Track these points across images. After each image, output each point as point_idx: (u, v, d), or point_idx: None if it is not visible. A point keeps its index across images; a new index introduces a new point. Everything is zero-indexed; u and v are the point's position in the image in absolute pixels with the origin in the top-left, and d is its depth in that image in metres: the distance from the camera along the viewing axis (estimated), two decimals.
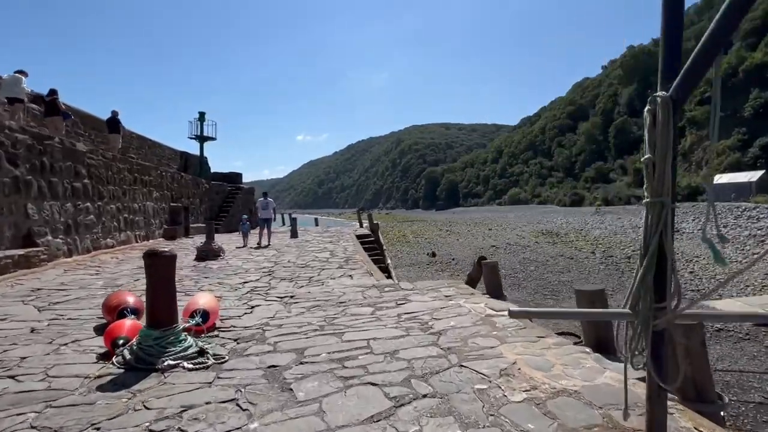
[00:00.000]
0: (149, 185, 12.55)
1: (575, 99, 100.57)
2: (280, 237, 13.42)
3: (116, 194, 10.54)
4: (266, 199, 11.39)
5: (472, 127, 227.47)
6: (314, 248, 10.25)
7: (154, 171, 13.06)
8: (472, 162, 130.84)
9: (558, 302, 12.52)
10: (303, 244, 11.18)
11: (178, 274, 4.25)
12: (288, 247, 10.77)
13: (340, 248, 10.12)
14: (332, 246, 10.61)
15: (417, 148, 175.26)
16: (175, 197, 14.39)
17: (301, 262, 8.04)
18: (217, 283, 5.98)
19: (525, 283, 15.25)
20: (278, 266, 7.50)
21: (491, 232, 36.08)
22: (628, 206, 46.89)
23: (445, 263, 20.09)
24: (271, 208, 11.25)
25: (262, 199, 11.55)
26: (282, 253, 9.54)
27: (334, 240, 12.19)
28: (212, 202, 18.42)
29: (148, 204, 12.33)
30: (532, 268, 18.23)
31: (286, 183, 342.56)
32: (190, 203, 15.77)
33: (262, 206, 11.32)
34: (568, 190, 69.53)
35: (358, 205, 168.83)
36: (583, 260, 20.07)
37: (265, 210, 11.14)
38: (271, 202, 11.45)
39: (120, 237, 10.53)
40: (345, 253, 9.30)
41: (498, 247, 25.74)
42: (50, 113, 10.05)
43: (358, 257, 8.63)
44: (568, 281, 15.34)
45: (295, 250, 10.07)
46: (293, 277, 6.35)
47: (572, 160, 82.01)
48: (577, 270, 17.66)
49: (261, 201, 11.49)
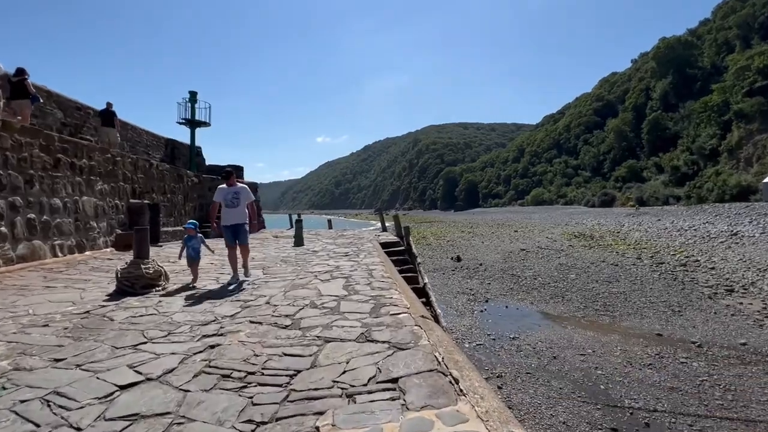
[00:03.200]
0: (89, 173, 8.72)
1: (602, 95, 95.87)
2: (281, 245, 10.23)
3: (4, 182, 6.53)
4: (233, 186, 5.67)
5: (491, 127, 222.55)
6: (320, 267, 6.42)
7: (100, 154, 9.22)
8: (492, 161, 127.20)
9: (615, 320, 10.35)
10: (306, 259, 7.52)
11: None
12: (282, 264, 6.95)
13: (361, 270, 6.02)
14: (348, 265, 6.63)
15: (435, 148, 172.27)
16: (142, 191, 10.98)
17: (288, 308, 3.96)
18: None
19: (569, 295, 13.06)
20: (237, 321, 3.59)
21: (518, 234, 33.65)
22: (666, 207, 43.32)
23: (472, 269, 18.02)
24: (244, 204, 5.62)
25: (223, 186, 5.72)
26: (264, 281, 5.39)
27: (351, 252, 8.47)
28: (203, 200, 14.98)
29: (84, 200, 8.44)
30: (572, 276, 15.96)
31: (303, 184, 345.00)
32: (166, 200, 12.48)
33: (225, 200, 5.60)
34: (597, 189, 65.70)
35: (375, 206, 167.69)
36: (629, 267, 17.61)
37: (233, 208, 5.56)
38: (244, 191, 5.68)
39: (17, 250, 6.59)
40: (370, 282, 5.14)
41: (528, 250, 23.44)
42: (17, 96, 8.64)
43: (396, 297, 4.24)
44: (620, 293, 13.07)
45: (291, 273, 6.00)
46: (246, 380, 2.33)
47: (600, 159, 77.77)
48: (627, 279, 15.27)
49: (222, 190, 5.66)
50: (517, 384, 6.70)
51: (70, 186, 8.17)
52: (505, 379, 6.83)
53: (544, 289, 14.00)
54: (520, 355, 7.97)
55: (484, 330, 9.64)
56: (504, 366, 7.46)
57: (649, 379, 6.75)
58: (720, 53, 63.77)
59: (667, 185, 50.82)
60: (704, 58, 66.91)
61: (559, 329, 9.67)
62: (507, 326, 9.97)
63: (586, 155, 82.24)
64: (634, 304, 11.69)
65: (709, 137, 50.51)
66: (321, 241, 11.59)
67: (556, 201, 78.19)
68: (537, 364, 7.50)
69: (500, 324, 10.18)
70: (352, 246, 9.75)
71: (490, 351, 8.29)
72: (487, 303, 12.45)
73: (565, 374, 7.04)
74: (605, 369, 7.18)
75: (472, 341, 8.80)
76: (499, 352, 8.25)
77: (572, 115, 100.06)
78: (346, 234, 14.76)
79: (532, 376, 6.97)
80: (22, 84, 8.63)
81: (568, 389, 6.45)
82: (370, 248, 9.04)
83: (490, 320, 10.54)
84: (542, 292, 13.69)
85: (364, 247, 9.26)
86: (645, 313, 10.83)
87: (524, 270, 17.65)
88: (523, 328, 9.73)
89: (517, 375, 7.02)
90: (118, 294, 4.75)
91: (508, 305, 12.19)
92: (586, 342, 8.67)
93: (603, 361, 7.57)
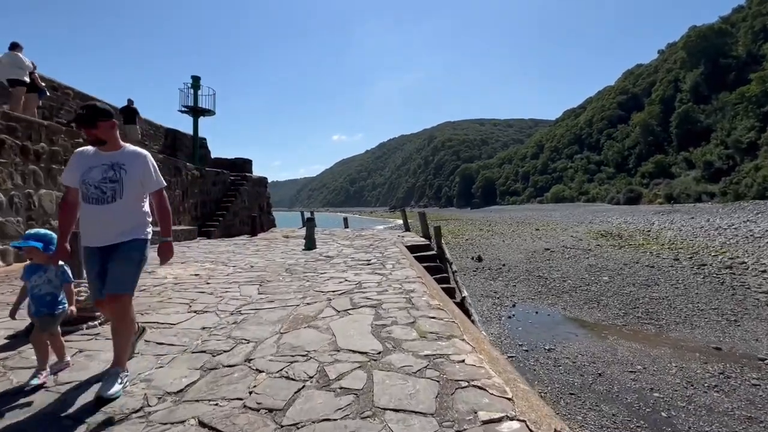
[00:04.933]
0: (49, 160, 7.01)
1: (627, 87, 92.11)
2: (290, 248, 8.79)
3: None
4: (113, 151, 2.18)
5: (507, 123, 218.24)
6: (335, 284, 4.66)
7: (67, 137, 7.36)
8: (509, 158, 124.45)
9: (662, 330, 9.27)
10: (317, 270, 5.80)
11: None
12: (285, 277, 5.22)
13: (393, 292, 4.15)
14: (374, 281, 4.78)
15: (450, 145, 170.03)
16: None
17: (276, 385, 2.07)
18: None
19: (604, 299, 11.97)
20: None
21: (539, 232, 32.27)
22: (699, 204, 40.90)
23: (495, 270, 17.05)
24: (135, 193, 2.21)
25: (85, 151, 2.22)
26: (254, 310, 3.61)
27: (374, 259, 6.76)
28: (206, 196, 13.67)
29: (41, 193, 6.78)
30: (605, 279, 14.80)
31: (318, 181, 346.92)
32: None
33: (86, 183, 2.11)
34: (622, 186, 63.00)
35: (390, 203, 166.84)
36: (667, 269, 16.28)
37: (103, 205, 2.11)
38: (137, 160, 2.21)
39: None
40: (413, 318, 3.21)
41: (552, 250, 22.24)
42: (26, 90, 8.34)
43: (471, 362, 2.30)
44: (662, 298, 11.89)
45: (295, 293, 4.26)
46: None
47: (625, 154, 74.63)
48: (667, 282, 14.02)
49: (81, 160, 2.18)
50: (561, 407, 5.82)
51: (20, 176, 6.46)
52: (546, 401, 5.94)
53: (575, 293, 12.93)
54: (559, 371, 7.06)
55: (514, 339, 8.75)
56: (542, 384, 6.57)
57: (718, 406, 5.75)
58: (756, 41, 60.02)
59: (700, 181, 48.08)
60: (739, 46, 63.14)
61: (598, 340, 8.68)
62: (540, 335, 9.04)
63: (609, 150, 79.14)
64: (680, 312, 10.54)
65: (747, 130, 47.43)
66: (336, 242, 10.40)
67: (578, 198, 75.57)
68: (581, 382, 6.58)
69: (532, 332, 9.25)
70: (374, 250, 8.11)
71: (524, 365, 7.41)
72: (514, 308, 11.52)
73: (616, 396, 6.11)
74: (663, 391, 6.20)
75: (503, 353, 7.92)
76: (535, 366, 7.36)
77: (594, 109, 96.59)
78: (364, 234, 13.48)
79: (576, 397, 6.07)
80: (30, 77, 8.29)
81: (623, 416, 5.53)
82: (397, 254, 7.29)
83: (520, 328, 9.62)
84: (574, 296, 12.63)
85: (390, 253, 7.49)
86: (695, 322, 9.69)
87: (551, 271, 16.56)
88: (559, 338, 8.78)
89: (559, 396, 6.13)
90: (25, 335, 2.69)
91: (538, 310, 11.22)
92: (633, 356, 7.67)
93: (658, 380, 6.58)
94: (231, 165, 17.22)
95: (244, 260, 7.06)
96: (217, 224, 13.07)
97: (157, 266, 5.82)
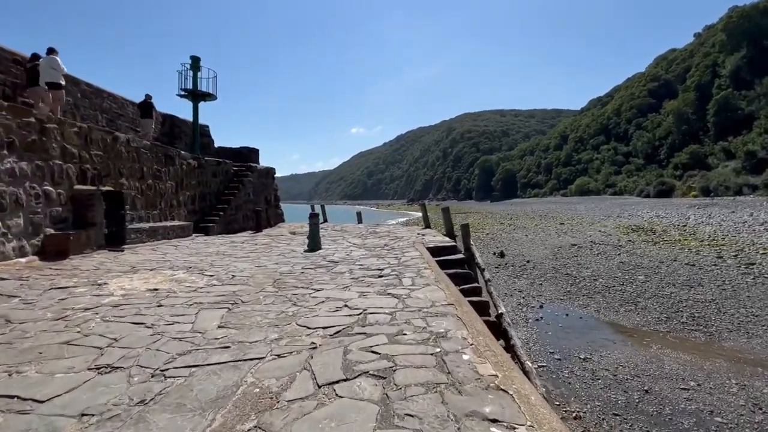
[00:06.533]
0: None
1: (658, 74, 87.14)
2: (292, 249, 7.78)
3: None
4: None
5: (529, 113, 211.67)
6: (330, 311, 3.46)
7: (12, 115, 6.12)
8: (531, 149, 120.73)
9: (712, 338, 8.27)
10: (314, 282, 4.63)
11: None
12: (267, 296, 4.04)
13: (415, 333, 2.80)
14: (386, 308, 3.45)
15: (470, 136, 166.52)
16: (99, 175, 7.95)
17: None
18: None
19: (642, 301, 10.96)
20: None
21: (564, 226, 30.83)
22: (740, 197, 38.17)
23: (518, 267, 16.14)
24: None
25: None
26: (163, 390, 2.07)
27: (388, 268, 5.36)
28: (205, 188, 12.51)
29: None
30: (641, 278, 13.68)
31: (336, 174, 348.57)
32: (146, 187, 9.65)
33: None
34: (653, 178, 59.84)
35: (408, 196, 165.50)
36: (710, 268, 14.94)
37: None
38: None
39: None
40: (457, 413, 1.74)
41: (580, 245, 21.02)
42: (33, 83, 8.16)
43: None
44: (708, 301, 10.78)
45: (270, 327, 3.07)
46: None
47: (655, 144, 70.79)
48: (712, 283, 12.79)
49: None
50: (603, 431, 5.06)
51: None
52: (586, 423, 5.20)
53: (609, 294, 11.95)
54: (598, 386, 6.27)
55: (545, 346, 7.97)
56: (580, 401, 5.81)
57: None
58: None
59: (740, 173, 44.93)
60: None
61: (640, 348, 7.79)
62: (573, 342, 8.22)
63: (638, 141, 75.26)
64: (732, 318, 9.45)
65: None
66: (346, 241, 9.35)
67: (604, 191, 72.47)
68: (625, 400, 5.78)
69: (564, 338, 8.44)
70: (389, 253, 6.83)
71: (557, 377, 6.65)
72: (542, 309, 10.68)
73: (669, 419, 5.29)
74: (725, 415, 5.34)
75: (532, 362, 7.17)
76: (570, 378, 6.59)
77: (623, 98, 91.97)
78: (378, 231, 12.05)
79: (622, 419, 5.29)
80: (36, 70, 8.10)
81: None
82: (417, 260, 5.91)
83: (549, 332, 8.82)
84: (608, 297, 11.65)
85: (408, 258, 6.14)
86: (752, 330, 8.63)
87: (580, 269, 15.51)
88: (595, 346, 7.95)
89: (602, 417, 5.36)
90: None
91: (569, 312, 10.36)
92: (683, 369, 6.78)
93: (717, 401, 5.71)
94: (236, 154, 16.07)
95: (230, 266, 5.94)
96: (217, 219, 12.10)
97: (112, 276, 5.01)
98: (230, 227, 12.60)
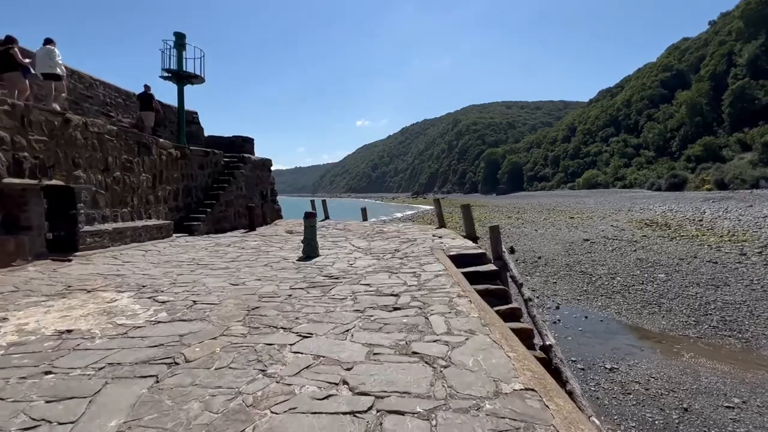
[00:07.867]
0: None
1: (671, 63, 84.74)
2: (284, 255, 6.61)
3: None
4: None
5: (536, 105, 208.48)
6: (308, 403, 1.88)
7: None
8: (538, 141, 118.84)
9: (749, 345, 7.59)
10: (300, 318, 3.27)
11: None
12: (223, 352, 2.52)
13: None
14: (417, 391, 1.95)
15: (475, 129, 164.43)
16: (42, 165, 6.58)
17: None
18: None
19: (666, 303, 10.26)
20: None
21: (574, 221, 29.99)
22: (757, 190, 36.96)
23: (530, 263, 15.47)
24: None
25: None
26: None
27: (405, 291, 3.99)
28: (190, 182, 11.24)
29: None
30: (662, 276, 12.95)
31: (341, 167, 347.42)
32: (112, 181, 8.36)
33: None
34: (664, 171, 58.39)
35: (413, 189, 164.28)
36: (734, 266, 14.16)
37: None
38: None
39: None
40: None
41: (593, 241, 20.25)
42: (6, 68, 7.49)
43: None
44: (738, 303, 10.05)
45: None
46: None
47: (667, 136, 69.01)
48: (739, 283, 12.04)
49: None
50: None
51: None
52: None
53: (629, 294, 11.26)
54: (630, 402, 5.64)
55: (565, 353, 7.30)
56: (611, 420, 5.20)
57: None
58: None
59: (757, 165, 43.51)
60: None
61: (671, 357, 7.14)
62: (595, 348, 7.58)
63: (649, 133, 73.46)
64: (767, 321, 8.74)
65: None
66: (349, 243, 8.18)
67: (613, 184, 71.06)
68: (663, 421, 5.15)
69: (585, 344, 7.80)
70: (403, 266, 5.40)
71: (582, 389, 6.01)
72: (558, 310, 10.04)
73: None
74: None
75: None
76: (597, 391, 5.97)
77: (633, 88, 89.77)
78: (386, 231, 10.47)
79: None
80: (8, 54, 7.39)
81: None
82: (443, 280, 4.42)
83: (569, 337, 8.19)
84: (628, 297, 10.97)
85: (431, 276, 4.66)
86: None
87: (595, 266, 14.80)
88: (620, 353, 7.30)
89: None
90: None
91: (588, 314, 9.70)
92: (722, 382, 6.12)
93: None
94: (228, 144, 14.65)
95: (198, 283, 4.65)
96: (204, 217, 10.82)
97: (25, 305, 3.75)
98: (219, 226, 11.46)
